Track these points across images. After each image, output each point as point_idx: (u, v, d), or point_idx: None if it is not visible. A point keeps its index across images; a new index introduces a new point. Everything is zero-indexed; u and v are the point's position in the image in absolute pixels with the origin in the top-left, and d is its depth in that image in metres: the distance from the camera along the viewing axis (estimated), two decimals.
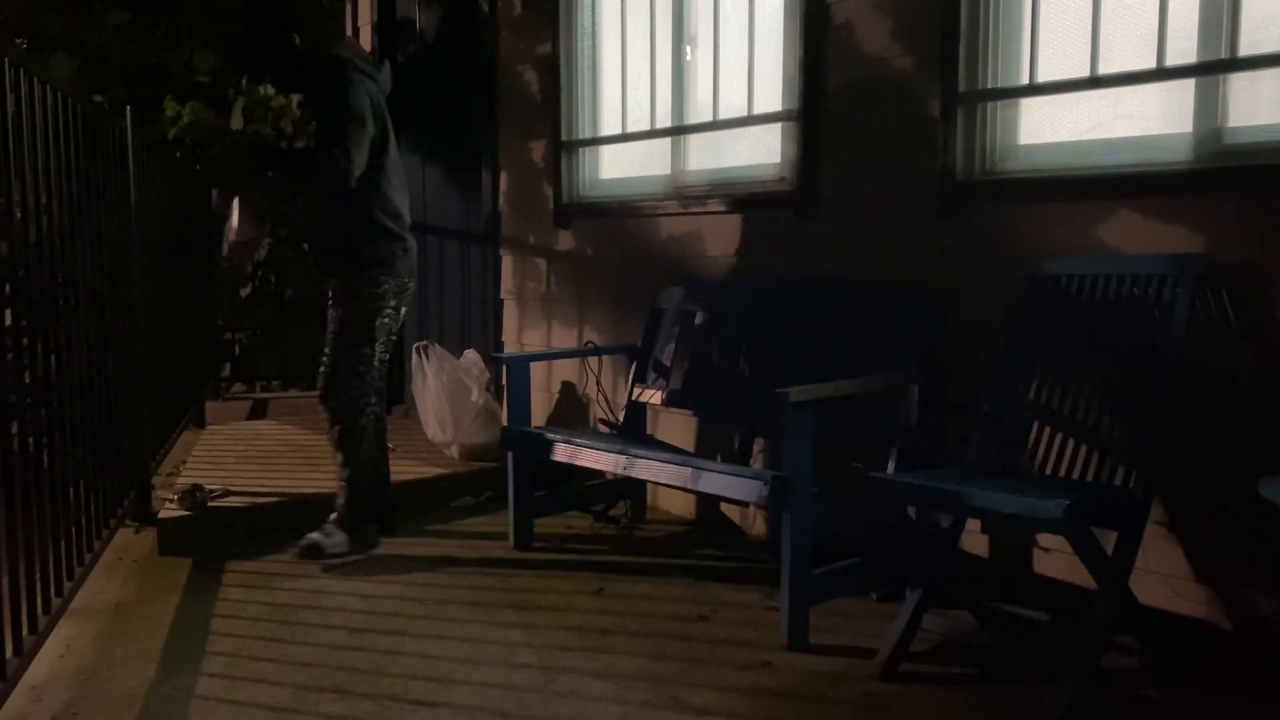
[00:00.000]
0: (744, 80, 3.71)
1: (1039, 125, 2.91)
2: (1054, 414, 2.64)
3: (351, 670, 2.61)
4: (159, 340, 4.25)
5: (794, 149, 3.46)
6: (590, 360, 4.15)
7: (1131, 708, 2.38)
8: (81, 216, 2.98)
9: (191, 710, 2.41)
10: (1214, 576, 2.51)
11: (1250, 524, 2.33)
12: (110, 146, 3.44)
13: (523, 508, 3.63)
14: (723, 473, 2.88)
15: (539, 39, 4.55)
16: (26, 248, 2.48)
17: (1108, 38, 2.72)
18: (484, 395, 4.43)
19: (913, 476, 2.63)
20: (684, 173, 3.99)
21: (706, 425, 3.83)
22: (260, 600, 3.12)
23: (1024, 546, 2.88)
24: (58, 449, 2.70)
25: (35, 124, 2.49)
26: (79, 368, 2.95)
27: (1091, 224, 2.70)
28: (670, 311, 3.83)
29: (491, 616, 2.97)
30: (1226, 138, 2.51)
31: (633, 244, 4.13)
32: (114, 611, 3.04)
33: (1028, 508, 2.23)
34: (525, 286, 4.74)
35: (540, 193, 4.58)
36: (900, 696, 2.44)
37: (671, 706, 2.39)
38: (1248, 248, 2.42)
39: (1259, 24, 2.44)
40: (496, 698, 2.45)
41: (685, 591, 3.16)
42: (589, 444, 3.29)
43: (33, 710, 2.40)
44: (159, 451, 4.34)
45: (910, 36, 3.11)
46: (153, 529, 3.69)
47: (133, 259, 3.72)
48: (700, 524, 3.90)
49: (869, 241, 3.26)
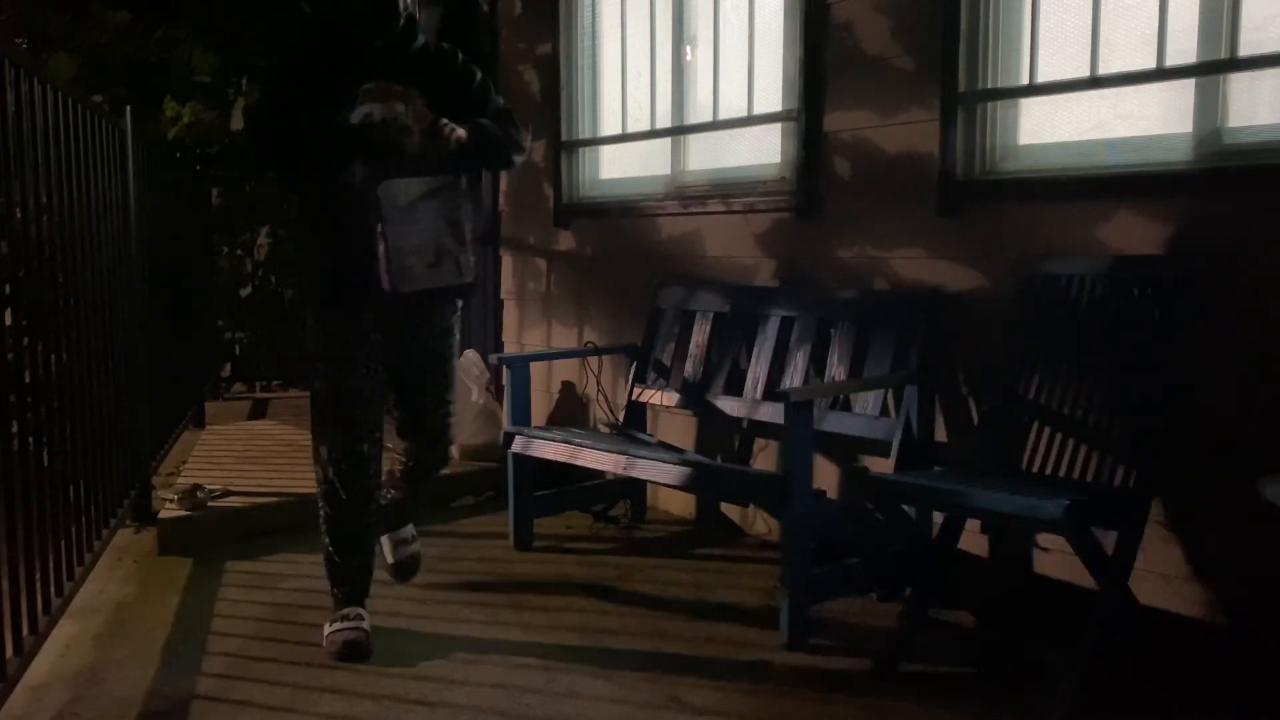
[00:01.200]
0: (744, 80, 3.71)
1: (1039, 125, 2.91)
2: (1054, 414, 2.64)
3: (351, 670, 2.61)
4: (159, 340, 4.25)
5: (794, 149, 3.46)
6: (590, 360, 4.15)
7: (1131, 708, 2.37)
8: (81, 216, 2.98)
9: (191, 710, 2.41)
10: (1214, 576, 2.51)
11: (1250, 524, 2.33)
12: (110, 146, 3.44)
13: (523, 508, 3.63)
14: (723, 473, 2.88)
15: (539, 39, 4.55)
16: (26, 248, 2.48)
17: (1108, 38, 2.72)
18: (484, 395, 4.43)
19: (913, 476, 2.63)
20: (684, 173, 3.99)
21: (706, 425, 3.83)
22: (260, 600, 3.12)
23: (1024, 546, 2.88)
24: (58, 449, 2.70)
25: (35, 124, 2.49)
26: (79, 368, 2.95)
27: (1091, 224, 2.70)
28: (670, 311, 3.83)
29: (491, 616, 2.97)
30: (1226, 138, 2.51)
31: (633, 244, 4.13)
32: (114, 611, 3.04)
33: (1028, 508, 2.23)
34: (525, 286, 4.74)
35: (540, 193, 4.58)
36: (900, 696, 2.44)
37: (671, 706, 2.39)
38: (1248, 248, 2.42)
39: (1259, 24, 2.44)
40: (496, 698, 2.45)
41: (685, 591, 3.16)
42: (589, 444, 3.30)
43: (33, 710, 2.40)
44: (159, 451, 4.35)
45: (910, 36, 3.11)
46: (153, 529, 3.69)
47: (133, 259, 3.72)
48: (700, 524, 3.90)
49: (869, 241, 3.26)
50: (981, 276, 2.95)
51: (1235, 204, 2.46)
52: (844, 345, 3.19)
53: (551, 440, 3.38)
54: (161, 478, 4.28)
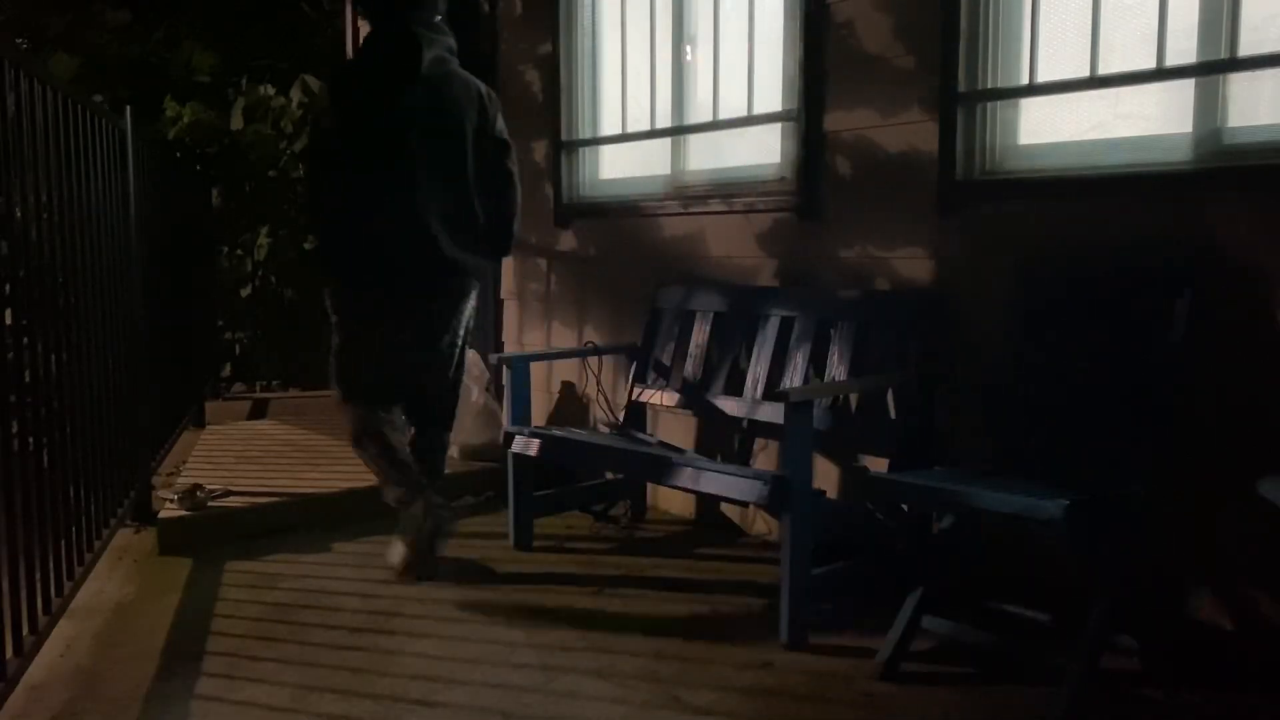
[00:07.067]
0: (744, 80, 3.71)
1: (1039, 125, 2.91)
2: (1054, 414, 2.64)
3: (351, 670, 2.61)
4: (159, 340, 4.25)
5: (794, 149, 3.46)
6: (590, 360, 4.15)
7: (1131, 708, 2.37)
8: (81, 216, 2.98)
9: (191, 710, 2.41)
10: (1214, 576, 2.51)
11: (1250, 524, 2.33)
12: (110, 146, 3.44)
13: (523, 508, 3.63)
14: (723, 473, 2.88)
15: (539, 39, 4.55)
16: (26, 247, 2.48)
17: (1108, 38, 2.72)
18: (484, 395, 4.43)
19: (913, 476, 2.62)
20: (684, 173, 3.99)
21: (706, 425, 3.83)
22: (260, 600, 3.11)
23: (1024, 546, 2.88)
24: (58, 449, 2.70)
25: (35, 124, 2.49)
26: (79, 367, 2.95)
27: (1091, 224, 2.70)
28: (670, 311, 3.83)
29: (491, 616, 2.97)
30: (1226, 138, 2.51)
31: (633, 244, 4.13)
32: (114, 611, 3.04)
33: (1028, 508, 2.23)
34: (525, 286, 4.74)
35: (540, 193, 4.58)
36: (900, 696, 2.44)
37: (671, 706, 2.39)
38: (1248, 248, 2.42)
39: (1259, 24, 2.44)
40: (496, 698, 2.45)
41: (685, 591, 3.16)
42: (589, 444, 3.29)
43: (33, 710, 2.40)
44: (159, 451, 4.35)
45: (910, 36, 3.11)
46: (153, 529, 3.69)
47: (133, 259, 3.72)
48: (700, 524, 3.90)
49: (869, 241, 3.26)
50: (981, 276, 2.95)
51: (1235, 204, 2.46)
52: (844, 345, 3.19)
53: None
54: (161, 478, 4.28)
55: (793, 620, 2.71)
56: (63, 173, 2.76)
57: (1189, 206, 2.53)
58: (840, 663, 2.62)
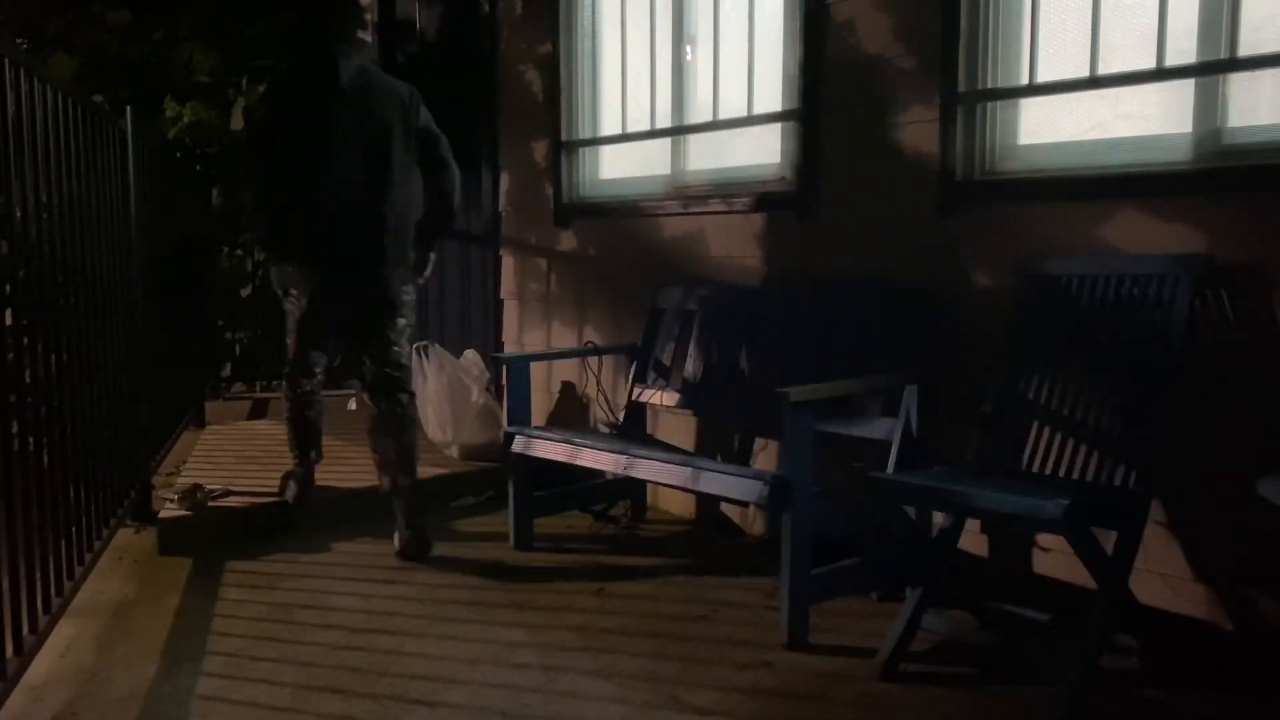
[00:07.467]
0: (744, 80, 3.72)
1: (1039, 125, 2.91)
2: (1054, 414, 2.64)
3: (351, 670, 2.61)
4: (159, 340, 4.25)
5: (794, 149, 3.46)
6: (590, 360, 4.15)
7: (1131, 708, 2.37)
8: (81, 216, 2.98)
9: (191, 710, 2.41)
10: (1214, 576, 2.51)
11: (1250, 524, 2.33)
12: (110, 146, 3.44)
13: (523, 508, 3.63)
14: (723, 473, 2.88)
15: (539, 39, 4.55)
16: (26, 247, 2.48)
17: (1107, 38, 2.72)
18: (484, 395, 4.43)
19: (913, 476, 2.63)
20: (684, 173, 3.99)
21: (706, 425, 3.83)
22: (260, 600, 3.12)
23: (1024, 546, 2.88)
24: (58, 449, 2.70)
25: (35, 124, 2.49)
26: (79, 367, 2.95)
27: (1091, 224, 2.71)
28: (670, 311, 3.83)
29: (491, 616, 2.97)
30: (1226, 138, 2.51)
31: (633, 244, 4.13)
32: (114, 611, 3.04)
33: (1028, 508, 2.23)
34: (526, 286, 4.74)
35: (541, 193, 4.58)
36: (900, 696, 2.44)
37: (671, 706, 2.39)
38: (1248, 248, 2.42)
39: (1259, 24, 2.44)
40: (496, 698, 2.45)
41: (685, 591, 3.16)
42: (589, 444, 3.29)
43: (33, 710, 2.40)
44: (159, 451, 4.35)
45: (910, 36, 3.11)
46: (153, 529, 3.70)
47: (133, 259, 3.72)
48: (700, 524, 3.90)
49: (869, 241, 3.26)
50: (981, 276, 2.95)
51: (1235, 204, 2.46)
52: (844, 345, 3.19)
53: (551, 440, 3.38)
54: (161, 478, 4.28)
55: (793, 620, 2.71)
56: (63, 173, 2.76)
57: (1188, 206, 2.53)
58: (840, 663, 2.62)
